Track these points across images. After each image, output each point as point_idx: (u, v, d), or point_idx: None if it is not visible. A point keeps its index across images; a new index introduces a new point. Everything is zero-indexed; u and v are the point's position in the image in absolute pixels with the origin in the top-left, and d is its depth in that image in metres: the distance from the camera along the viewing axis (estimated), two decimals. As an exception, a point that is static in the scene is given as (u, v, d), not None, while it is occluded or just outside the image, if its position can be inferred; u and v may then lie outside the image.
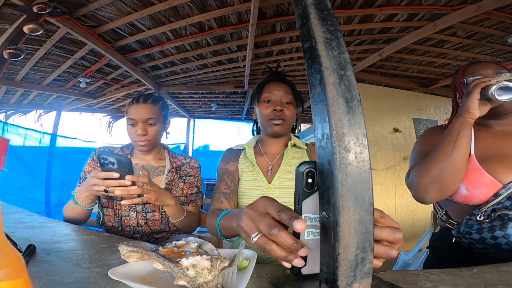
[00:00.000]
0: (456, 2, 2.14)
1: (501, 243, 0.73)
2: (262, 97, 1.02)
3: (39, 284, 0.46)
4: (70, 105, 4.50)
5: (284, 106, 1.00)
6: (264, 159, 1.04)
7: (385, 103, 3.31)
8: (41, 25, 1.83)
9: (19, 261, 0.27)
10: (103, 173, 0.85)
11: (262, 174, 1.00)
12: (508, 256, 0.72)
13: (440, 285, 0.48)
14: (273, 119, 0.98)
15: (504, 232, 0.72)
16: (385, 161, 3.09)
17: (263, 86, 1.04)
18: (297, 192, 0.42)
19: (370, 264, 0.34)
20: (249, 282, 0.49)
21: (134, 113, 1.09)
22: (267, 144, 1.06)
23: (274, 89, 1.01)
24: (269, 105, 1.00)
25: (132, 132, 1.10)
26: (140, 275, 0.48)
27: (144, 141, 1.09)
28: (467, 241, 0.80)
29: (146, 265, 0.51)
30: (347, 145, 0.33)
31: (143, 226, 1.09)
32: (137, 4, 2.14)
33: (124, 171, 0.85)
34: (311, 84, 0.37)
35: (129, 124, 1.10)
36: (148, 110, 1.09)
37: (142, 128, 1.08)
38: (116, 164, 0.84)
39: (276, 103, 0.99)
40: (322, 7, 0.38)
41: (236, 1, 2.15)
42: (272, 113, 0.98)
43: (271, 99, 1.00)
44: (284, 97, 1.00)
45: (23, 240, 0.67)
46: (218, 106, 5.24)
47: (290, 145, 1.03)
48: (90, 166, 1.13)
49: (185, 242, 0.52)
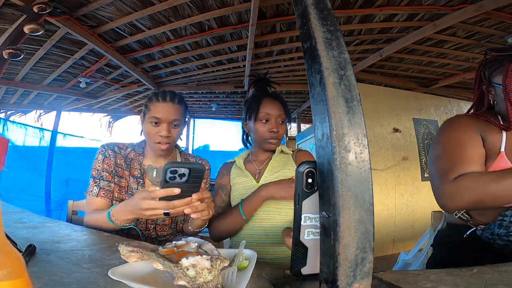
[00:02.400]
0: (456, 2, 2.14)
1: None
2: (260, 116, 1.07)
3: (39, 284, 0.46)
4: (70, 105, 4.50)
5: (279, 126, 1.08)
6: (253, 166, 1.14)
7: (385, 103, 3.31)
8: (41, 25, 1.83)
9: (19, 261, 0.27)
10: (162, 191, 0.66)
11: (251, 176, 1.09)
12: None
13: (440, 285, 0.48)
14: (270, 139, 1.07)
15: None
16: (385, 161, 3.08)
17: (259, 103, 1.08)
18: (297, 192, 0.42)
19: (370, 264, 0.34)
20: (249, 282, 0.49)
21: (161, 112, 0.98)
22: (258, 154, 1.15)
23: (271, 108, 1.07)
24: (265, 124, 1.07)
25: (153, 132, 0.99)
26: (140, 275, 0.48)
27: (166, 143, 1.00)
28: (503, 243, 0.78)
29: (146, 265, 0.51)
30: (347, 145, 0.33)
31: (150, 230, 1.03)
32: (137, 4, 2.14)
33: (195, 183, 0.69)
34: (311, 84, 0.37)
35: (151, 123, 0.99)
36: (175, 110, 1.00)
37: (167, 129, 0.98)
38: (186, 176, 0.66)
39: (273, 125, 1.06)
40: (322, 7, 0.38)
41: (236, 1, 2.15)
42: (269, 134, 1.06)
43: (268, 119, 1.07)
44: (279, 117, 1.07)
45: (23, 240, 0.67)
46: (218, 106, 5.24)
47: (278, 151, 1.12)
48: (104, 163, 1.01)
49: (185, 242, 0.52)
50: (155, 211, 0.70)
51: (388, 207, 2.98)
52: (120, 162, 1.04)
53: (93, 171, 1.02)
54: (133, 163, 1.06)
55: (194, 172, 0.66)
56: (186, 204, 0.68)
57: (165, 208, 0.68)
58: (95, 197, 0.97)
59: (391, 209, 2.98)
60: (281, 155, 1.13)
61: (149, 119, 0.99)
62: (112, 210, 0.83)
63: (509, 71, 0.80)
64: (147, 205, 0.69)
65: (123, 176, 1.03)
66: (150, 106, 1.00)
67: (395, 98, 3.41)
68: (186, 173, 0.66)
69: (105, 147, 1.04)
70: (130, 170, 1.05)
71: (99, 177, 0.99)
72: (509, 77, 0.80)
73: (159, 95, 1.01)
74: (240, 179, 1.10)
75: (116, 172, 1.02)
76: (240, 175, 1.11)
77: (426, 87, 3.85)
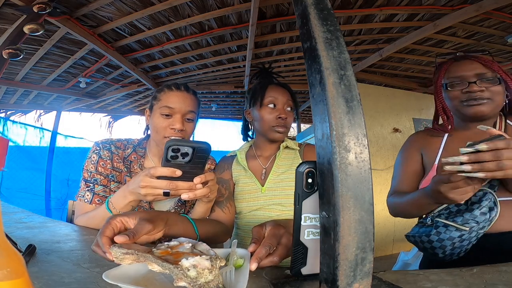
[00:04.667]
0: (456, 2, 2.14)
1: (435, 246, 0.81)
2: (265, 101, 0.98)
3: (39, 284, 0.46)
4: (70, 105, 4.49)
5: (288, 113, 0.99)
6: (257, 163, 1.03)
7: (385, 103, 3.31)
8: (41, 25, 1.83)
9: (19, 261, 0.27)
10: (164, 169, 0.61)
11: (255, 178, 0.99)
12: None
13: (440, 285, 0.48)
14: (277, 126, 0.97)
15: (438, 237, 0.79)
16: (385, 161, 3.08)
17: (265, 88, 0.99)
18: (297, 192, 0.42)
19: (370, 264, 0.34)
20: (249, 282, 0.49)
21: (174, 102, 0.86)
22: (262, 147, 1.05)
23: (278, 93, 0.98)
24: (273, 110, 0.97)
25: (164, 124, 0.86)
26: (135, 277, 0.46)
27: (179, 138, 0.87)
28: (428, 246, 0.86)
29: (141, 267, 0.49)
30: (347, 145, 0.33)
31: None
32: (137, 4, 2.14)
33: (198, 164, 0.64)
34: (311, 84, 0.37)
35: (161, 114, 0.86)
36: (191, 101, 0.89)
37: (180, 121, 0.85)
38: (189, 156, 0.61)
39: (280, 111, 0.97)
40: (322, 7, 0.38)
41: (236, 1, 2.15)
42: (277, 120, 0.96)
43: (275, 104, 0.98)
44: (287, 103, 0.99)
45: (23, 240, 0.67)
46: (218, 106, 5.24)
47: (283, 147, 1.02)
48: (98, 165, 0.89)
49: (178, 242, 0.51)
50: (154, 190, 0.63)
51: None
52: (118, 165, 0.92)
53: (84, 172, 0.89)
54: (133, 166, 0.94)
55: (198, 151, 0.61)
56: (189, 188, 0.63)
57: (166, 187, 0.62)
58: (87, 203, 0.86)
59: (391, 209, 2.98)
60: (286, 151, 1.02)
61: (159, 110, 0.86)
62: (111, 197, 0.75)
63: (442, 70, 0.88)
64: (146, 182, 0.63)
65: (122, 182, 0.91)
66: (160, 96, 0.89)
67: (395, 98, 3.41)
68: (190, 152, 0.61)
69: (99, 145, 0.91)
70: (130, 175, 0.92)
71: (92, 181, 0.88)
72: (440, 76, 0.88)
73: (172, 85, 0.90)
74: (243, 180, 1.00)
75: (113, 177, 0.90)
76: (243, 175, 1.01)
77: (426, 87, 3.85)
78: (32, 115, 4.57)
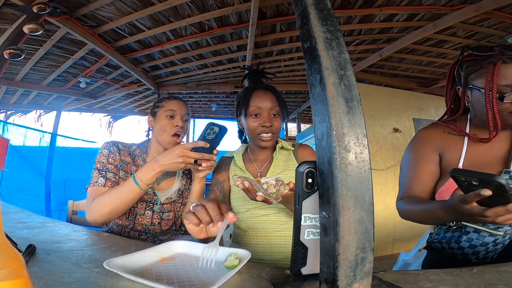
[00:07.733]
0: (456, 2, 2.14)
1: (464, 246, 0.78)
2: (249, 111, 0.99)
3: (39, 284, 0.46)
4: (70, 105, 4.50)
5: (272, 120, 0.99)
6: (253, 166, 1.06)
7: (385, 103, 3.31)
8: (41, 25, 1.83)
9: (19, 261, 0.27)
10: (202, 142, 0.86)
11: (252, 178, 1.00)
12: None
13: (440, 285, 0.48)
14: (262, 133, 0.98)
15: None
16: (385, 161, 3.08)
17: (249, 97, 1.00)
18: (297, 192, 0.42)
19: (370, 264, 0.34)
20: (249, 282, 0.49)
21: (175, 107, 1.08)
22: (256, 152, 1.08)
23: (262, 101, 0.98)
24: (256, 119, 0.98)
25: (169, 124, 1.07)
26: (133, 268, 0.51)
27: (181, 135, 1.08)
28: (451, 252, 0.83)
29: (141, 258, 0.55)
30: (347, 145, 0.33)
31: (155, 225, 1.06)
32: (137, 4, 2.14)
33: (217, 139, 0.89)
34: (311, 84, 0.37)
35: (166, 116, 1.08)
36: (185, 107, 1.12)
37: (180, 121, 1.07)
38: (212, 134, 0.88)
39: (265, 119, 0.97)
40: (322, 7, 0.38)
41: (236, 1, 2.15)
42: (261, 128, 0.98)
43: (259, 113, 0.98)
44: (272, 109, 0.98)
45: (23, 240, 0.67)
46: (218, 106, 5.24)
47: (279, 148, 1.04)
48: (109, 157, 1.03)
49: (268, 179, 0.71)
50: (188, 159, 0.86)
51: (388, 207, 2.98)
52: (125, 158, 1.08)
53: (97, 164, 1.02)
54: (137, 160, 1.10)
55: (221, 131, 0.88)
56: (209, 157, 0.88)
57: (197, 156, 0.86)
58: (101, 187, 0.97)
59: (391, 209, 2.98)
60: (281, 152, 1.05)
61: (164, 113, 1.08)
62: (136, 173, 0.90)
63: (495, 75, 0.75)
64: (183, 152, 0.86)
65: (129, 172, 1.06)
66: (163, 104, 1.11)
67: (395, 98, 3.41)
68: (217, 131, 0.88)
69: (109, 143, 1.08)
70: (136, 165, 1.08)
71: (104, 169, 1.01)
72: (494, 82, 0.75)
73: (170, 96, 1.15)
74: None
75: (121, 166, 1.05)
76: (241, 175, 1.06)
77: (426, 87, 3.85)
78: (32, 115, 4.58)
